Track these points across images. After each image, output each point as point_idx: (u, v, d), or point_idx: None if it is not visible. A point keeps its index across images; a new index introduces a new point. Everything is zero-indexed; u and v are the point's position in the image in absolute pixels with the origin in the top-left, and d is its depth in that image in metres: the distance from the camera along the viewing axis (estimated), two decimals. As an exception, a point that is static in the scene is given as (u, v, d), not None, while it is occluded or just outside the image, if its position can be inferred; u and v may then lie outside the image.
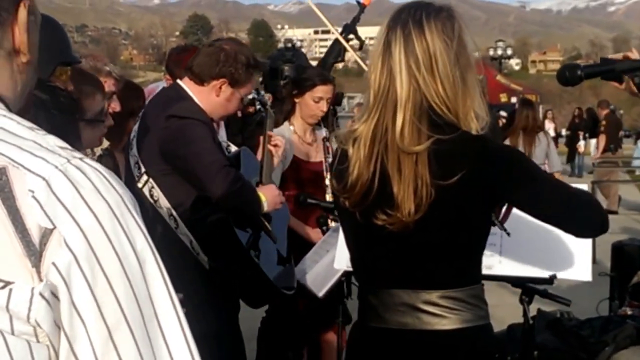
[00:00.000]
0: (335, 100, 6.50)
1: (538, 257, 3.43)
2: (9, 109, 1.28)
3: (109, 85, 4.03)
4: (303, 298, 4.68)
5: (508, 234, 3.03)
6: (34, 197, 1.13)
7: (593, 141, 24.17)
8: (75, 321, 1.14)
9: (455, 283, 2.69)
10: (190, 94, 4.09)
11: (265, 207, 4.06)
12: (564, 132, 30.80)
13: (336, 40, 6.67)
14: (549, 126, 27.46)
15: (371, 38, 6.59)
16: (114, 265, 1.16)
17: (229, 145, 4.63)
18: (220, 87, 4.09)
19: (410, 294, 2.69)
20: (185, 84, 4.17)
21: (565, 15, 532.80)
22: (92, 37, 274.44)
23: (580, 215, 2.75)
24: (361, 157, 2.67)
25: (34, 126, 1.25)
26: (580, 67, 2.85)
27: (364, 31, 7.58)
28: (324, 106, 5.33)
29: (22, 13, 1.31)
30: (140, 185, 4.10)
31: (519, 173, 2.67)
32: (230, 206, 3.94)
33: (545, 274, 3.41)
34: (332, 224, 4.64)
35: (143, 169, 4.13)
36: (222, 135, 4.76)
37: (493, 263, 3.30)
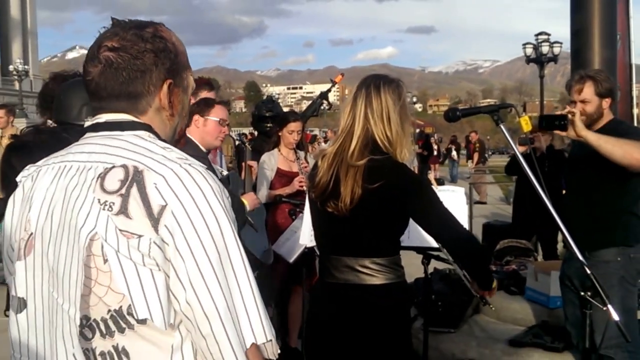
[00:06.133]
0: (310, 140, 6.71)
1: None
2: (159, 138, 1.49)
3: None
4: (281, 263, 4.72)
5: (490, 305, 3.14)
6: (156, 187, 1.33)
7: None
8: (178, 258, 1.32)
9: (381, 253, 2.72)
10: (191, 137, 4.00)
11: (248, 207, 4.06)
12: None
13: (314, 101, 6.83)
14: (434, 147, 27.61)
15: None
16: (201, 226, 1.33)
17: (222, 171, 4.64)
18: (196, 120, 4.00)
19: (351, 259, 2.72)
20: (188, 132, 4.07)
21: (451, 75, 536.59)
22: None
23: (455, 240, 2.71)
24: (324, 167, 2.79)
25: (168, 146, 1.45)
26: (458, 110, 2.87)
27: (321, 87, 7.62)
28: (295, 136, 5.42)
29: (164, 87, 1.51)
30: None
31: (418, 193, 2.67)
32: None
33: (437, 245, 3.42)
34: (300, 215, 4.65)
35: None
36: (223, 165, 4.75)
37: (404, 239, 3.30)
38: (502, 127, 2.70)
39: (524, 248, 6.86)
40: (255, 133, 7.21)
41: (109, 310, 1.32)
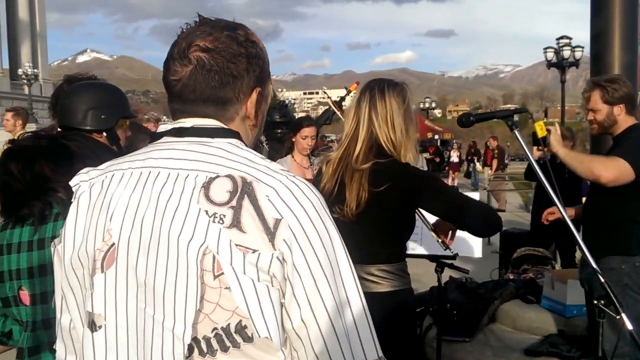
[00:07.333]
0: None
1: (446, 242, 3.45)
2: (247, 146, 1.42)
3: (151, 127, 4.24)
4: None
5: (454, 256, 3.09)
6: (268, 199, 1.27)
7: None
8: (295, 275, 1.26)
9: (387, 260, 2.71)
10: None
11: None
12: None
13: (327, 109, 6.82)
14: (454, 154, 27.56)
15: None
16: (316, 240, 1.29)
17: None
18: None
19: (357, 267, 2.68)
20: None
21: (471, 79, 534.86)
22: (153, 98, 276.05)
23: (477, 220, 2.69)
24: (329, 173, 2.80)
25: (262, 156, 1.38)
26: (472, 115, 2.84)
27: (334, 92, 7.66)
28: (309, 141, 5.42)
29: (254, 95, 1.43)
30: None
31: (428, 189, 2.66)
32: None
33: (450, 253, 3.42)
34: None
35: None
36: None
37: (416, 246, 3.30)
38: (516, 132, 2.64)
39: (542, 256, 6.83)
40: (265, 138, 7.20)
41: (215, 329, 1.25)
